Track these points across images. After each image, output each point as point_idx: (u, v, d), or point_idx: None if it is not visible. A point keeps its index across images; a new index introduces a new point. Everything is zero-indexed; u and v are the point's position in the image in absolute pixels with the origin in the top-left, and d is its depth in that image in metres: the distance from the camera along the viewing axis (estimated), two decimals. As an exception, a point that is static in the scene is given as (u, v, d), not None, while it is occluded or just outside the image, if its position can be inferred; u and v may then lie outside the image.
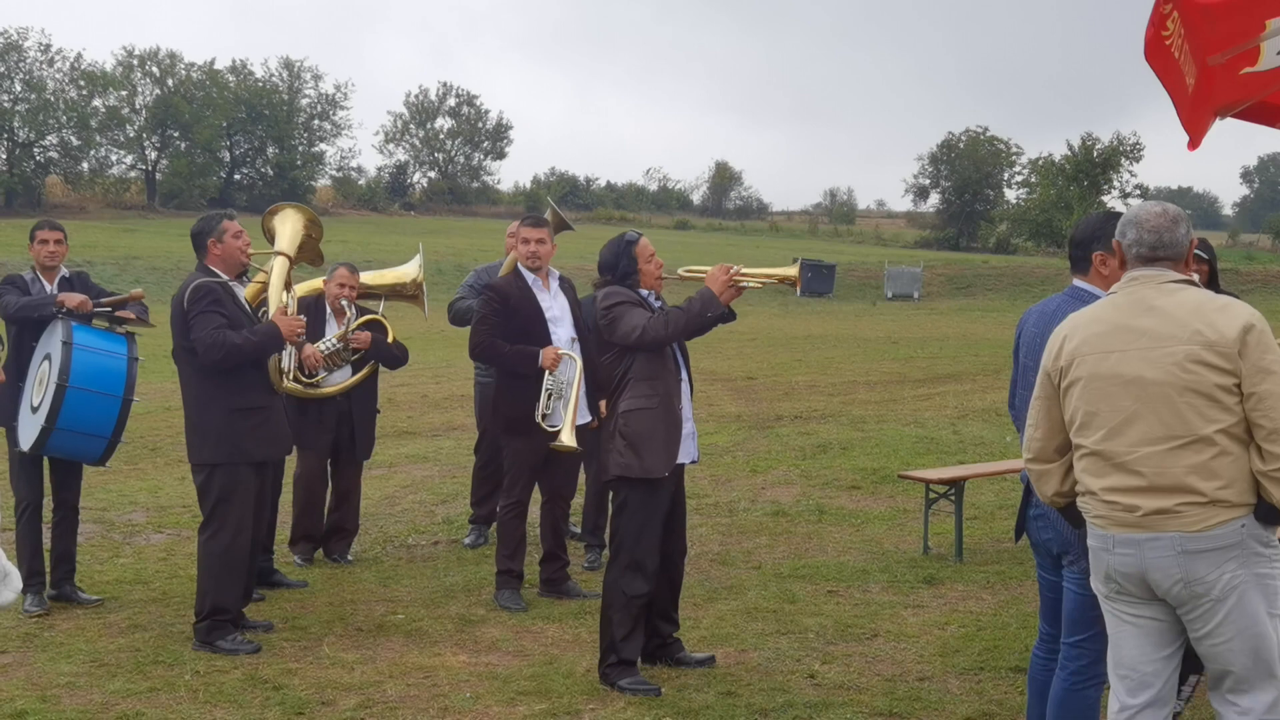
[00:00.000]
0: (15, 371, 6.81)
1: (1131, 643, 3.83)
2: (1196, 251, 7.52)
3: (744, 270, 5.82)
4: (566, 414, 6.87)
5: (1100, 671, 4.26)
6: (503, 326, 6.99)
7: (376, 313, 8.18)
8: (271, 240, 7.25)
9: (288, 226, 7.21)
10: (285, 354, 6.59)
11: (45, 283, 7.04)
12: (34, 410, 6.67)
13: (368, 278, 8.29)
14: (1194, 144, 4.79)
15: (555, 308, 7.12)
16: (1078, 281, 4.41)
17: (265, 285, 7.09)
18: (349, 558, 8.05)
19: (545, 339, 7.00)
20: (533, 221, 7.28)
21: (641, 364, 5.76)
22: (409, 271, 8.50)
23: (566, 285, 7.31)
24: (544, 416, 6.90)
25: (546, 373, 6.91)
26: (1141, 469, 3.68)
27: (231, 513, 6.29)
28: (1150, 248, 3.82)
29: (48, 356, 6.69)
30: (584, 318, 7.19)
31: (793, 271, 5.99)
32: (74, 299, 6.82)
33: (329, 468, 8.11)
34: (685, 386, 5.94)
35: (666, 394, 5.79)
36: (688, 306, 5.73)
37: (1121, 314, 3.80)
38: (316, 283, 8.14)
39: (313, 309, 7.82)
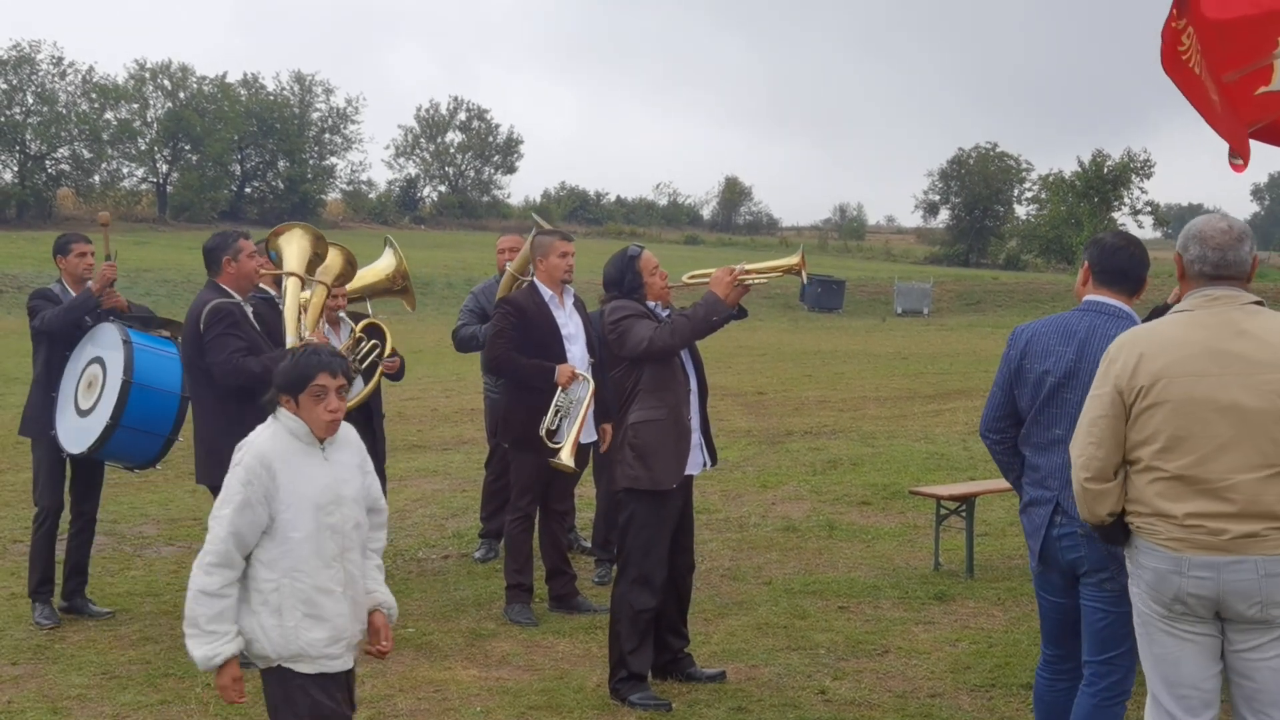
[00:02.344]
0: (46, 382, 6.86)
1: (1193, 661, 3.79)
2: None
3: (748, 268, 5.82)
4: (570, 433, 6.86)
5: (1128, 687, 4.25)
6: (519, 340, 6.99)
7: (369, 315, 7.95)
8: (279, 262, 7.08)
9: (294, 246, 6.95)
10: None
11: (74, 295, 7.09)
12: (84, 414, 6.69)
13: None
14: (1243, 164, 4.73)
15: (571, 325, 7.13)
16: (1106, 299, 4.34)
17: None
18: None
19: (561, 355, 7.00)
20: (565, 236, 7.28)
21: (650, 376, 5.77)
22: (389, 264, 8.20)
23: (579, 304, 7.33)
24: (549, 433, 6.91)
25: (559, 390, 6.92)
26: (1233, 496, 3.64)
27: None
28: (1214, 265, 3.78)
29: (97, 360, 6.73)
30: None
31: (795, 259, 5.89)
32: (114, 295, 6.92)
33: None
34: (695, 396, 5.94)
35: (675, 405, 5.80)
36: (693, 313, 5.73)
37: (1211, 336, 3.72)
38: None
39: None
